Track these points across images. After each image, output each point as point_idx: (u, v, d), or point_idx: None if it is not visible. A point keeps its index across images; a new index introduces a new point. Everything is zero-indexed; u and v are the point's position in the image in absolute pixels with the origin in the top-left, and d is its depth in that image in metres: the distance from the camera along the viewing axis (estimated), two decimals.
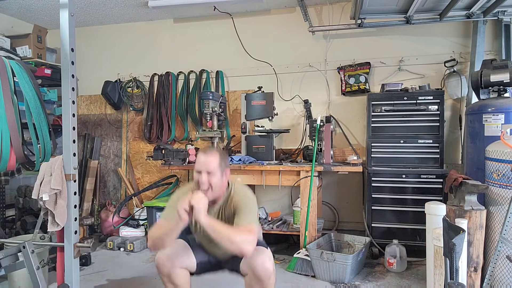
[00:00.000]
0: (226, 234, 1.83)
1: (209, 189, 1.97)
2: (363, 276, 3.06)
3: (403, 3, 3.35)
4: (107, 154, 4.84)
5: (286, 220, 3.86)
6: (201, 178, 1.96)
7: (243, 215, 1.97)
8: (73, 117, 2.08)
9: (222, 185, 2.05)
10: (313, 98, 4.11)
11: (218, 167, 1.98)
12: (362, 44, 4.05)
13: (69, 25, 2.03)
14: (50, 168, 2.12)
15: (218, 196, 2.07)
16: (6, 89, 1.88)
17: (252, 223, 1.94)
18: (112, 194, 4.79)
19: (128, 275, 3.19)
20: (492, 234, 2.53)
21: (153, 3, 3.99)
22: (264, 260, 1.94)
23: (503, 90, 2.99)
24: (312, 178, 3.29)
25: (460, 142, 3.75)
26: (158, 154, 3.70)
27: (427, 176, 3.34)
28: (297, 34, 4.19)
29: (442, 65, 3.77)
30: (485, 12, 3.45)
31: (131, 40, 4.76)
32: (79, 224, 2.30)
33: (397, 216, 3.41)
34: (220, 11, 4.22)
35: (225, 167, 2.06)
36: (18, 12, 4.34)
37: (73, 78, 2.07)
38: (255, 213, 2.02)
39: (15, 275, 2.61)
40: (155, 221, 3.82)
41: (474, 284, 2.46)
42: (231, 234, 1.83)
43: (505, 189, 2.47)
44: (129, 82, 4.65)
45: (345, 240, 3.38)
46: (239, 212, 1.99)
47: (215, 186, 1.98)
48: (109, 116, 4.84)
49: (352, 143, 4.01)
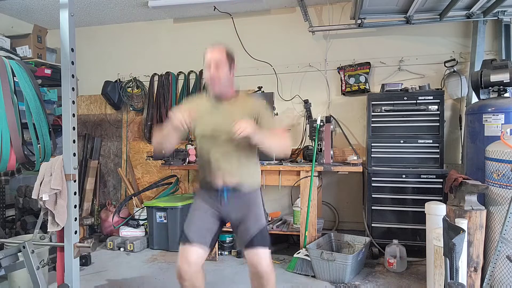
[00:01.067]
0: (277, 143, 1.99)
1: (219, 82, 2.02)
2: (363, 276, 3.06)
3: (403, 3, 3.35)
4: (107, 154, 4.84)
5: (286, 220, 3.86)
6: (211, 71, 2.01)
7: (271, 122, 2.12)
8: (73, 117, 2.07)
9: (230, 80, 2.09)
10: (313, 98, 4.11)
11: (226, 59, 2.03)
12: (362, 44, 4.05)
13: (69, 25, 2.03)
14: (50, 168, 2.12)
15: (227, 92, 2.10)
16: (6, 89, 1.88)
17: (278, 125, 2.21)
18: (112, 194, 4.79)
19: (128, 275, 3.19)
20: (492, 234, 2.54)
21: (153, 3, 3.99)
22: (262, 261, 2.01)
23: (503, 90, 2.99)
24: (312, 178, 3.29)
25: (460, 142, 3.75)
26: (158, 154, 3.70)
27: (427, 176, 3.34)
28: (297, 34, 4.19)
29: (442, 65, 3.77)
30: (485, 12, 3.45)
31: (131, 40, 4.76)
32: (79, 224, 2.30)
33: (397, 216, 3.41)
34: (220, 11, 4.22)
35: (232, 61, 2.09)
36: (18, 12, 4.34)
37: (73, 78, 2.07)
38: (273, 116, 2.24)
39: (15, 275, 2.61)
40: (155, 221, 3.82)
41: (474, 284, 2.46)
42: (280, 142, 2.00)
43: (505, 189, 2.47)
44: (129, 82, 4.65)
45: (345, 240, 3.38)
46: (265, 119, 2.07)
47: (224, 79, 2.03)
48: (109, 116, 4.84)
49: (352, 143, 4.01)
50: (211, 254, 3.50)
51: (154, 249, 3.83)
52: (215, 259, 3.49)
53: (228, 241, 3.66)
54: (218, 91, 2.06)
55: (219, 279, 3.09)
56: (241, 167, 2.08)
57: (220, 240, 3.63)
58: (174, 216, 3.74)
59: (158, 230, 3.82)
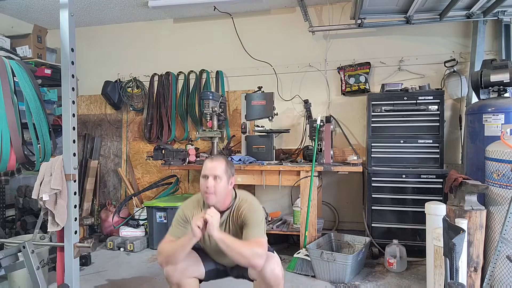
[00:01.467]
0: (237, 249, 1.85)
1: (215, 195, 1.98)
2: (363, 276, 3.06)
3: (403, 3, 3.35)
4: (107, 154, 4.84)
5: (286, 220, 3.86)
6: (208, 183, 1.98)
7: (252, 229, 1.98)
8: (73, 117, 2.08)
9: (228, 192, 2.07)
10: (313, 98, 4.11)
11: (225, 172, 2.01)
12: (362, 44, 4.05)
13: (69, 25, 2.03)
14: (50, 168, 2.12)
15: (224, 204, 2.08)
16: (6, 89, 1.89)
17: (261, 236, 1.97)
18: (112, 194, 4.79)
19: (128, 275, 3.19)
20: (492, 234, 2.53)
21: (153, 3, 3.99)
22: (274, 267, 1.96)
23: (503, 90, 2.99)
24: (312, 178, 3.29)
25: (460, 142, 3.75)
26: (158, 154, 3.70)
27: (427, 176, 3.34)
28: (297, 34, 4.19)
29: (442, 65, 3.77)
30: (485, 12, 3.45)
31: (131, 40, 4.76)
32: (79, 224, 2.30)
33: (397, 216, 3.41)
34: (220, 11, 4.22)
35: (231, 175, 2.08)
36: (18, 12, 4.34)
37: (73, 78, 2.07)
38: (263, 225, 2.03)
39: (15, 275, 2.61)
40: (155, 221, 3.82)
41: (474, 284, 2.46)
42: (242, 249, 1.86)
43: (505, 189, 2.47)
44: (129, 82, 4.65)
45: (345, 240, 3.38)
46: (248, 225, 2.00)
47: (221, 192, 2.00)
48: (109, 116, 4.84)
49: (352, 143, 4.01)
50: None
51: (154, 249, 3.83)
52: None
53: None
54: (213, 203, 2.01)
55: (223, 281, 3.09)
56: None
57: None
58: (174, 216, 3.73)
59: (158, 230, 3.82)
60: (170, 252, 1.97)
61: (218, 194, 2.00)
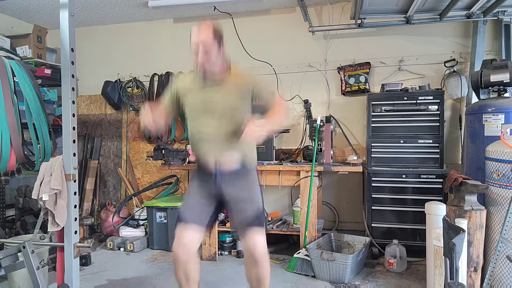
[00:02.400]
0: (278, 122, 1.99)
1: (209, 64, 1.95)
2: (363, 276, 3.06)
3: (403, 3, 3.35)
4: (107, 154, 4.84)
5: (286, 220, 3.86)
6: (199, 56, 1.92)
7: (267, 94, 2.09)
8: (73, 117, 2.08)
9: (221, 58, 2.02)
10: (313, 98, 4.11)
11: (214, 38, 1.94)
12: (362, 44, 4.05)
13: (69, 25, 2.03)
14: (50, 168, 2.12)
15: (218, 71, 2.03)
16: (6, 89, 1.89)
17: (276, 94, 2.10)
18: (112, 194, 4.79)
19: (128, 275, 3.19)
20: (492, 234, 2.54)
21: (153, 3, 3.99)
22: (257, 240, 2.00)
23: (503, 90, 2.99)
24: (312, 178, 3.29)
25: (460, 142, 3.75)
26: (158, 154, 3.70)
27: (427, 176, 3.34)
28: (297, 34, 4.19)
29: (442, 65, 3.77)
30: (485, 12, 3.45)
31: (131, 40, 4.76)
32: (79, 224, 2.30)
33: (397, 216, 3.41)
34: (220, 11, 4.22)
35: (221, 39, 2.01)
36: (18, 12, 4.34)
37: (73, 78, 2.07)
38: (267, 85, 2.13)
39: (15, 275, 2.61)
40: (155, 221, 3.82)
41: (474, 284, 2.46)
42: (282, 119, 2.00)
43: (505, 189, 2.47)
44: (129, 82, 4.65)
45: (345, 240, 3.38)
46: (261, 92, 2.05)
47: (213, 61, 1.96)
48: (109, 116, 4.84)
49: (352, 143, 4.01)
50: (210, 253, 3.50)
51: (154, 249, 3.83)
52: (215, 259, 3.49)
53: (228, 241, 3.66)
54: (209, 74, 2.00)
55: (219, 279, 3.09)
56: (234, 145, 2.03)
57: (220, 240, 3.63)
58: (174, 216, 3.73)
59: (158, 230, 3.82)
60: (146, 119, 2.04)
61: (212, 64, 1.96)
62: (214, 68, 2.00)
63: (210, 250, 3.50)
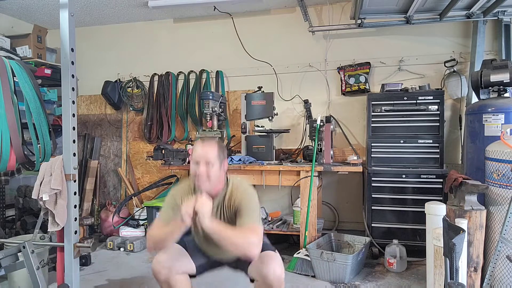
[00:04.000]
0: (230, 238, 1.77)
1: (207, 181, 1.90)
2: (363, 276, 3.06)
3: (403, 3, 3.35)
4: (107, 154, 4.84)
5: (286, 220, 3.86)
6: (199, 169, 1.89)
7: (246, 216, 1.89)
8: (73, 117, 2.08)
9: (220, 177, 1.98)
10: (313, 98, 4.11)
11: (217, 157, 1.92)
12: (362, 44, 4.05)
13: (69, 25, 2.03)
14: (50, 168, 2.12)
15: (217, 190, 1.99)
16: (6, 89, 1.89)
17: (256, 223, 1.88)
18: (112, 194, 4.79)
19: (128, 275, 3.19)
20: (492, 234, 2.53)
21: (153, 3, 3.99)
22: (275, 268, 1.90)
23: (503, 90, 2.99)
24: (312, 178, 3.29)
25: (460, 142, 3.75)
26: (158, 154, 3.70)
27: (427, 176, 3.34)
28: (297, 34, 4.19)
29: (442, 65, 3.77)
30: (485, 12, 3.45)
31: (131, 40, 4.76)
32: (79, 224, 2.30)
33: (397, 216, 3.41)
34: (220, 11, 4.23)
35: (223, 159, 1.98)
36: (18, 12, 4.34)
37: (73, 78, 2.07)
38: (257, 211, 1.95)
39: (15, 275, 2.61)
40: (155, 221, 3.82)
41: (474, 284, 2.46)
42: (235, 238, 1.78)
43: (505, 189, 2.47)
44: (129, 82, 4.65)
45: (345, 240, 3.38)
46: (241, 212, 1.92)
47: (213, 178, 1.91)
48: (109, 116, 4.84)
49: (352, 143, 4.01)
50: None
51: None
52: None
53: None
54: (205, 189, 1.92)
55: (219, 279, 3.09)
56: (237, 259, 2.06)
57: None
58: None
59: None
60: (159, 237, 1.90)
61: (211, 181, 1.91)
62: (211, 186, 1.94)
63: None
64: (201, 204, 1.77)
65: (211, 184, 1.93)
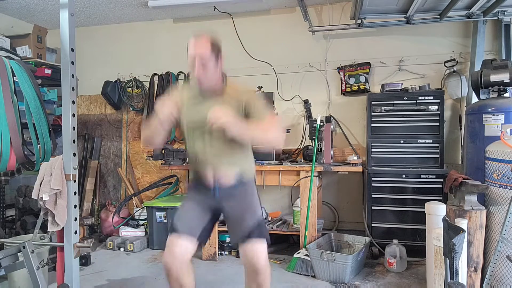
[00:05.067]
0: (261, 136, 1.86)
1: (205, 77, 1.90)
2: (363, 276, 3.06)
3: (403, 3, 3.35)
4: (107, 154, 4.84)
5: (286, 220, 3.86)
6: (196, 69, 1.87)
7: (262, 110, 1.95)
8: (73, 117, 2.08)
9: (218, 73, 1.96)
10: (313, 98, 4.11)
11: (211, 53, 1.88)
12: (362, 44, 4.05)
13: (69, 25, 2.03)
14: (50, 168, 2.12)
15: (215, 84, 1.98)
16: (6, 89, 1.88)
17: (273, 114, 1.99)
18: (112, 194, 4.79)
19: (128, 275, 3.19)
20: (492, 234, 2.54)
21: (153, 3, 3.99)
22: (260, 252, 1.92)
23: (503, 90, 2.99)
24: (312, 178, 3.29)
25: (460, 142, 3.75)
26: (158, 154, 3.71)
27: (427, 176, 3.34)
28: (297, 34, 4.19)
29: (442, 65, 3.77)
30: (485, 12, 3.45)
31: (131, 40, 4.76)
32: (79, 224, 2.30)
33: (397, 216, 3.41)
34: (220, 11, 4.22)
35: (219, 53, 1.94)
36: (18, 12, 4.34)
37: (73, 78, 2.07)
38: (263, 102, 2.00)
39: (15, 275, 2.61)
40: (155, 221, 3.82)
41: (474, 284, 2.46)
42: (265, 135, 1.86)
43: (505, 189, 2.47)
44: (129, 82, 4.65)
45: (345, 240, 3.38)
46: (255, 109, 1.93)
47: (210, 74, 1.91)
48: (109, 116, 4.84)
49: (352, 143, 4.01)
50: (211, 253, 3.50)
51: (154, 249, 3.83)
52: (215, 259, 3.49)
53: (228, 241, 3.66)
54: (205, 86, 1.95)
55: (219, 279, 3.09)
56: (232, 159, 2.00)
57: (220, 240, 3.63)
58: (174, 216, 3.74)
59: (158, 230, 3.82)
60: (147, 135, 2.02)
61: (209, 77, 1.91)
62: (210, 82, 1.95)
63: (210, 250, 3.50)
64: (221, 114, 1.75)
65: (209, 80, 1.94)
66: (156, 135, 1.99)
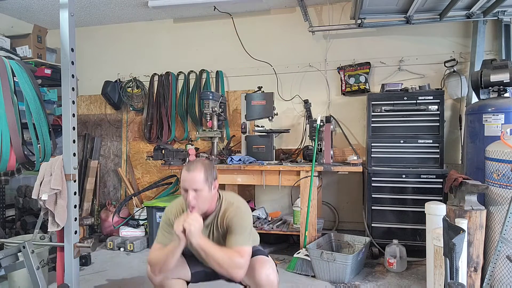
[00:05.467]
0: (217, 258, 1.77)
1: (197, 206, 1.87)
2: (363, 276, 3.06)
3: (403, 3, 3.35)
4: (107, 154, 4.84)
5: (286, 220, 3.86)
6: (189, 198, 1.85)
7: (235, 235, 1.88)
8: (73, 117, 2.08)
9: (211, 199, 1.94)
10: (313, 98, 4.11)
11: (205, 182, 1.86)
12: (362, 44, 4.05)
13: (69, 25, 2.03)
14: (50, 168, 2.12)
15: (209, 210, 1.96)
16: (6, 89, 1.89)
17: (244, 244, 1.86)
18: (112, 194, 4.79)
19: (128, 275, 3.19)
20: (492, 234, 2.53)
21: (153, 3, 3.99)
22: (269, 272, 1.89)
23: (503, 90, 2.99)
24: (312, 178, 3.29)
25: (460, 142, 3.75)
26: (158, 154, 3.70)
27: (427, 176, 3.34)
28: (297, 34, 4.19)
29: (442, 65, 3.77)
30: (485, 12, 3.45)
31: (131, 40, 4.76)
32: (79, 224, 2.30)
33: (397, 216, 3.41)
34: (220, 11, 4.23)
35: (213, 180, 1.92)
36: (18, 12, 4.34)
37: (73, 78, 2.07)
38: (248, 230, 1.93)
39: (15, 275, 2.61)
40: (155, 221, 3.82)
41: (474, 284, 2.46)
42: (222, 258, 1.77)
43: (505, 189, 2.47)
44: (129, 82, 4.65)
45: (345, 240, 3.38)
46: (232, 230, 1.90)
47: (203, 202, 1.88)
48: (109, 116, 4.84)
49: (352, 143, 4.01)
50: None
51: None
52: None
53: None
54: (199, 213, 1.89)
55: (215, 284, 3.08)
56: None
57: None
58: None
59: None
60: (161, 260, 1.87)
61: (201, 205, 1.88)
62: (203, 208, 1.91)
63: None
64: (191, 221, 1.76)
65: (202, 208, 1.90)
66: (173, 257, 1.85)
